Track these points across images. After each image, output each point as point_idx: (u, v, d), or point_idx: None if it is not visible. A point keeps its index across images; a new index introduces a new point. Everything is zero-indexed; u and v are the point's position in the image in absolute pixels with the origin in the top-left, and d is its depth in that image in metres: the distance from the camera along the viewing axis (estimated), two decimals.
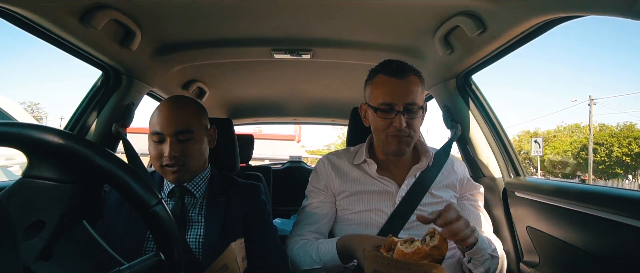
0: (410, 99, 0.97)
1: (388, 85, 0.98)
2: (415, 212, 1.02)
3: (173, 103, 0.97)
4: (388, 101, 0.97)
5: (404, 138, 0.99)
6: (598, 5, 0.71)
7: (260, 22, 1.21)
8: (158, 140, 0.94)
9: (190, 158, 0.95)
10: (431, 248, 0.69)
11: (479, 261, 0.89)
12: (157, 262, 0.48)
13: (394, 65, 0.99)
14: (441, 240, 0.71)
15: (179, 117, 0.95)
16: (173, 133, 0.93)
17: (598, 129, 26.74)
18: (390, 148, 1.01)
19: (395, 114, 0.97)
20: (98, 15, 0.99)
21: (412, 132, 0.99)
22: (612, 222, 0.81)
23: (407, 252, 0.70)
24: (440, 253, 0.70)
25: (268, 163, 3.72)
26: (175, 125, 0.93)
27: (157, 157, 0.94)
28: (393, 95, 0.97)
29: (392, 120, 0.97)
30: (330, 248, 0.93)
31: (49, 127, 0.46)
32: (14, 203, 0.44)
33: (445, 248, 0.71)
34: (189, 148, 0.95)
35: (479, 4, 0.97)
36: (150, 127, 0.96)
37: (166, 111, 0.95)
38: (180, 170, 0.94)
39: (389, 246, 0.75)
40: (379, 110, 0.98)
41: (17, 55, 56.67)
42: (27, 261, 0.43)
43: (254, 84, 2.02)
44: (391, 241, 0.76)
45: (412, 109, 0.98)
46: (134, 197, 0.47)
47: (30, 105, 31.33)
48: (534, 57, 53.89)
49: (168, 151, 0.92)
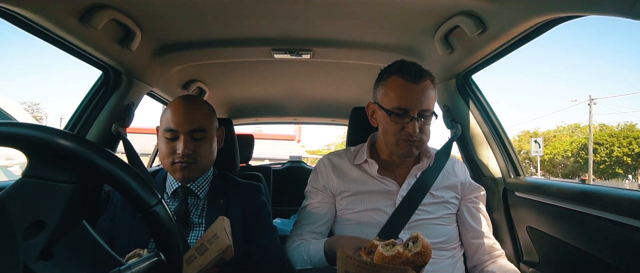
0: (425, 106, 0.96)
1: (404, 89, 0.96)
2: (417, 212, 1.02)
3: (188, 101, 0.99)
4: (403, 106, 0.96)
5: (415, 143, 0.99)
6: (598, 5, 0.71)
7: (260, 22, 1.21)
8: (171, 138, 0.96)
9: (202, 157, 0.97)
10: (414, 254, 0.67)
11: None
12: (157, 262, 0.48)
13: (411, 69, 0.97)
14: (424, 246, 0.68)
15: (194, 116, 0.97)
16: (188, 131, 0.95)
17: (598, 129, 26.76)
18: (400, 151, 1.01)
19: (410, 120, 0.96)
20: (98, 15, 0.99)
21: (423, 136, 0.99)
22: (612, 222, 0.81)
23: (387, 255, 0.67)
24: (423, 261, 0.67)
25: (268, 163, 3.72)
26: (190, 124, 0.95)
27: (168, 154, 0.95)
28: (409, 101, 0.95)
29: (405, 125, 0.97)
30: (319, 249, 0.93)
31: (49, 127, 0.46)
32: (14, 203, 0.44)
33: (429, 256, 0.68)
34: (202, 146, 0.97)
35: (479, 4, 0.97)
36: (163, 124, 0.97)
37: (182, 109, 0.97)
38: (190, 167, 0.95)
39: (369, 248, 0.73)
40: (393, 114, 0.97)
41: (17, 56, 56.73)
42: (27, 261, 0.43)
43: (254, 84, 2.02)
44: (372, 244, 0.73)
45: (426, 115, 0.98)
46: (133, 197, 0.47)
47: (30, 105, 31.35)
48: (534, 57, 53.92)
49: (182, 148, 0.93)
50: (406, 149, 0.99)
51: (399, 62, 1.00)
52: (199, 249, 0.77)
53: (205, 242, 0.78)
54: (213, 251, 0.77)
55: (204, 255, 0.77)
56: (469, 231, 1.09)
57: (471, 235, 1.08)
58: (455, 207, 1.10)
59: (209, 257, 0.77)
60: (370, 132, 1.16)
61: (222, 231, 0.78)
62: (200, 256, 0.77)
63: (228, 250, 0.77)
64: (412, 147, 0.99)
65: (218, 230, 0.79)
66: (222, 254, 0.77)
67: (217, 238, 0.78)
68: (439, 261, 1.00)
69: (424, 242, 0.68)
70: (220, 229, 0.79)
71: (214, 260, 0.77)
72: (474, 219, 1.09)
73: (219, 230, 0.78)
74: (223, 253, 0.77)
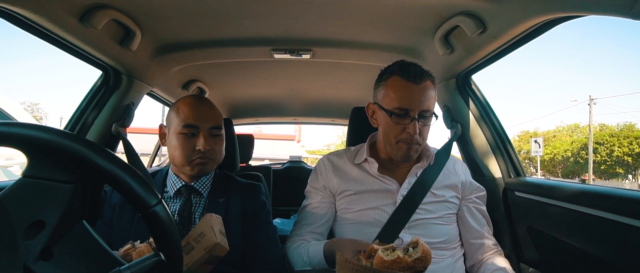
0: (425, 106, 0.96)
1: (405, 90, 0.96)
2: (417, 211, 1.02)
3: (203, 100, 1.03)
4: (404, 106, 0.96)
5: (414, 145, 0.99)
6: (598, 5, 0.71)
7: (260, 22, 1.21)
8: (190, 134, 0.97)
9: (217, 154, 1.01)
10: (415, 260, 0.67)
11: None
12: (157, 262, 0.48)
13: (412, 69, 0.97)
14: (425, 252, 0.68)
15: (212, 113, 1.01)
16: (209, 127, 0.98)
17: (598, 129, 26.74)
18: (399, 153, 1.01)
19: (410, 120, 0.96)
20: (98, 15, 0.99)
21: (422, 139, 0.99)
22: (612, 222, 0.81)
23: (387, 259, 0.67)
24: (423, 266, 0.68)
25: (268, 163, 3.73)
26: (210, 121, 0.99)
27: (187, 149, 0.96)
28: (410, 102, 0.95)
29: (405, 126, 0.97)
30: (319, 251, 0.93)
31: (49, 127, 0.46)
32: (14, 203, 0.44)
33: (429, 261, 0.68)
34: (218, 144, 1.01)
35: (479, 4, 0.97)
36: (180, 121, 0.97)
37: (199, 106, 0.99)
38: (209, 163, 0.99)
39: (369, 253, 0.73)
40: (394, 115, 0.97)
41: (17, 55, 56.69)
42: (27, 261, 0.43)
43: (254, 84, 2.02)
44: (372, 248, 0.73)
45: (426, 115, 0.98)
46: (134, 197, 0.47)
47: (30, 105, 31.36)
48: (534, 57, 53.88)
49: (203, 144, 0.96)
50: (405, 152, 1.00)
51: (400, 62, 1.00)
52: (185, 247, 0.76)
53: (191, 240, 0.77)
54: (199, 249, 0.76)
55: (190, 253, 0.76)
56: (469, 231, 1.09)
57: (471, 235, 1.08)
58: (456, 206, 1.10)
59: (196, 255, 0.75)
60: (370, 132, 1.16)
61: (209, 229, 0.77)
62: (186, 254, 0.75)
63: (217, 247, 0.76)
64: (411, 150, 1.00)
65: (205, 228, 0.78)
66: (210, 252, 0.76)
67: (203, 236, 0.77)
68: (439, 261, 1.00)
69: (424, 248, 0.68)
70: (207, 227, 0.77)
71: (202, 258, 0.75)
72: (475, 219, 1.09)
73: (205, 228, 0.77)
74: (211, 251, 0.76)
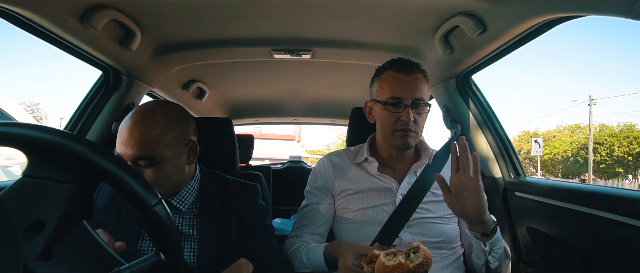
0: (418, 94, 0.99)
1: (397, 80, 1.00)
2: (417, 211, 1.02)
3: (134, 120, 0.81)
4: (397, 95, 0.98)
5: (410, 133, 1.00)
6: (598, 5, 0.71)
7: (260, 22, 1.21)
8: None
9: (157, 186, 0.81)
10: (416, 265, 0.67)
11: (496, 253, 0.93)
12: (157, 262, 0.48)
13: (403, 61, 1.02)
14: (426, 256, 0.68)
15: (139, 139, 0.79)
16: (132, 158, 0.79)
17: (598, 129, 26.73)
18: (396, 142, 1.02)
19: (404, 108, 0.98)
20: (98, 15, 1.00)
21: (417, 128, 1.01)
22: (612, 222, 0.81)
23: (389, 265, 0.67)
24: (424, 271, 0.68)
25: (268, 163, 3.73)
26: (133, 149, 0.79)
27: None
28: (402, 90, 0.98)
29: (400, 114, 0.99)
30: (319, 254, 0.93)
31: (49, 127, 0.46)
32: (14, 203, 0.44)
33: (430, 266, 0.68)
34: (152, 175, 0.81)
35: (479, 4, 0.97)
36: None
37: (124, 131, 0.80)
38: None
39: (370, 258, 0.73)
40: (388, 104, 0.99)
41: (17, 55, 56.71)
42: (27, 261, 0.43)
43: (254, 84, 2.02)
44: (373, 253, 0.73)
45: (420, 104, 1.00)
46: (134, 197, 0.47)
47: (30, 105, 31.31)
48: (534, 57, 53.89)
49: None
50: (401, 139, 1.01)
51: (392, 59, 1.04)
52: None
53: None
54: None
55: None
56: None
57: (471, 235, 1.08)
58: None
59: None
60: (370, 132, 1.16)
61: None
62: None
63: None
64: (408, 138, 1.00)
65: None
66: None
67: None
68: (439, 260, 1.00)
69: (425, 252, 0.69)
70: None
71: None
72: None
73: None
74: None
